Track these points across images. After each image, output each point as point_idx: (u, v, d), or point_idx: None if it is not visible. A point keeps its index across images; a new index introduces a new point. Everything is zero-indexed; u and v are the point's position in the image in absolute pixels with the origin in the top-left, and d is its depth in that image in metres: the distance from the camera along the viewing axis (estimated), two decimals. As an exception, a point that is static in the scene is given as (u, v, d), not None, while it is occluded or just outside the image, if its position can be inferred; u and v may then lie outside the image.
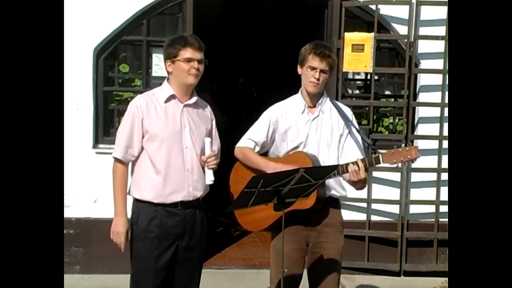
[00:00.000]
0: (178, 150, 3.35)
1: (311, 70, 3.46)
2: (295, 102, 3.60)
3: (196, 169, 3.40)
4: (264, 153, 3.68)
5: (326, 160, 3.49)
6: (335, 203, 3.61)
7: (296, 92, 3.64)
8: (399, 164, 3.43)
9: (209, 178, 3.39)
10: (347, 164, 3.37)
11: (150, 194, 3.33)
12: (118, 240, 3.36)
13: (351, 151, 3.54)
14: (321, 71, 3.45)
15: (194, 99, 3.44)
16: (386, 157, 3.37)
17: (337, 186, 3.56)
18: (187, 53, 3.30)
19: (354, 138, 3.58)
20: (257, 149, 3.62)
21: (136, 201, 3.39)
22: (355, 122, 3.62)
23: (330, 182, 3.49)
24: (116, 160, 3.37)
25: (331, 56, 3.47)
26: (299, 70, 3.56)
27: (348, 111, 3.64)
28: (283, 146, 3.56)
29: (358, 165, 3.32)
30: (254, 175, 3.49)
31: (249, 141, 3.61)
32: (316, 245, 3.55)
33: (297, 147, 3.52)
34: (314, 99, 3.55)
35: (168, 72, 3.41)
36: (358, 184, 3.44)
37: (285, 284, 3.39)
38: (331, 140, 3.53)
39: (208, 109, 3.58)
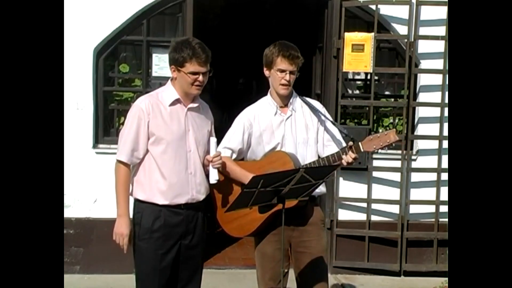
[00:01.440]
0: (182, 154, 3.35)
1: (280, 73, 3.48)
2: (266, 104, 3.61)
3: (199, 173, 3.40)
4: (241, 159, 3.66)
5: (305, 157, 3.51)
6: (314, 201, 3.63)
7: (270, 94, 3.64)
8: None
9: (214, 177, 3.40)
10: (338, 153, 3.40)
11: (156, 196, 3.33)
12: (121, 242, 3.35)
13: (331, 142, 3.56)
14: (290, 72, 3.47)
15: (197, 103, 3.44)
16: (365, 144, 3.41)
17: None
18: (193, 66, 3.27)
19: (331, 128, 3.61)
20: (234, 156, 3.59)
21: (139, 202, 3.39)
22: (327, 114, 3.66)
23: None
24: (120, 162, 3.35)
25: (299, 57, 3.50)
26: (267, 73, 3.57)
27: (318, 105, 3.67)
28: (260, 150, 3.57)
29: (353, 150, 3.35)
30: (234, 181, 3.53)
31: (225, 150, 3.57)
32: (299, 245, 3.56)
33: (274, 148, 3.53)
34: (285, 99, 3.57)
35: (172, 76, 3.38)
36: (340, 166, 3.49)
37: (271, 285, 3.44)
38: (307, 137, 3.55)
39: (208, 111, 3.59)
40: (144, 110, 3.31)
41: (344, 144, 3.53)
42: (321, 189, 3.58)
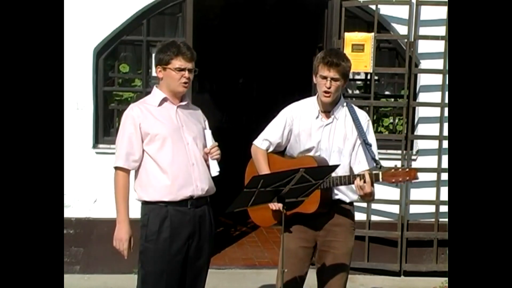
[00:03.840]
0: (180, 147, 3.37)
1: (322, 79, 3.45)
2: (310, 105, 3.59)
3: (200, 163, 3.42)
4: (282, 151, 3.71)
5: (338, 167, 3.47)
6: (346, 204, 3.59)
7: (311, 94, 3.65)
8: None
9: (215, 169, 3.41)
10: (354, 177, 3.35)
11: (160, 193, 3.33)
12: (121, 247, 3.36)
13: (364, 159, 3.51)
14: (332, 79, 3.42)
15: (185, 102, 3.49)
16: (386, 176, 3.35)
17: (348, 192, 3.55)
18: (178, 62, 3.33)
19: (365, 149, 3.55)
20: (271, 148, 3.64)
21: (146, 203, 3.39)
22: (370, 131, 3.58)
23: (341, 187, 3.49)
24: (118, 168, 3.37)
25: (339, 64, 3.41)
26: (314, 79, 3.55)
27: (363, 118, 3.58)
28: (296, 148, 3.60)
29: (364, 180, 3.30)
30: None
31: (264, 142, 3.63)
32: (324, 244, 3.56)
33: (308, 150, 3.53)
34: (328, 106, 3.53)
35: (158, 78, 3.44)
36: (365, 198, 3.44)
37: (289, 281, 3.43)
38: (343, 147, 3.51)
39: (199, 112, 3.62)
40: (134, 114, 3.37)
41: (373, 165, 3.47)
42: (352, 196, 3.56)
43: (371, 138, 3.55)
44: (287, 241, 3.49)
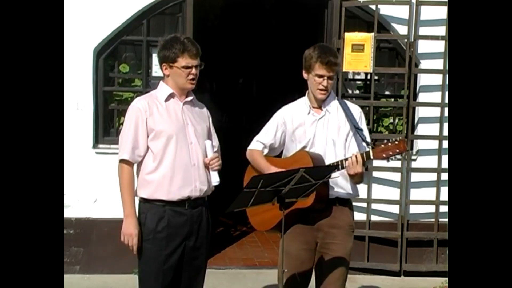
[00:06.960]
0: (184, 146, 3.36)
1: (318, 78, 3.49)
2: (302, 103, 3.65)
3: (201, 164, 3.41)
4: (279, 155, 3.74)
5: (333, 158, 3.51)
6: (345, 204, 3.60)
7: (302, 94, 3.68)
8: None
9: (215, 179, 3.42)
10: (346, 159, 3.40)
11: (159, 192, 3.33)
12: (131, 242, 3.34)
13: (355, 146, 3.54)
14: (328, 77, 3.48)
15: (191, 97, 3.48)
16: (376, 152, 3.41)
17: (348, 184, 3.55)
18: (185, 60, 3.32)
19: (358, 137, 3.59)
20: (266, 151, 3.68)
21: (144, 201, 3.39)
22: (363, 121, 3.65)
23: (339, 180, 3.50)
24: (123, 161, 3.36)
25: (337, 64, 3.52)
26: (305, 75, 3.58)
27: (356, 110, 3.65)
28: (293, 147, 3.62)
29: (356, 158, 3.36)
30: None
31: (257, 143, 3.69)
32: (323, 246, 3.56)
33: (305, 146, 3.56)
34: (320, 101, 3.59)
35: (164, 74, 3.43)
36: (354, 178, 3.47)
37: (293, 284, 3.44)
38: (338, 138, 3.55)
39: (204, 108, 3.61)
40: (141, 108, 3.35)
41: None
42: (350, 191, 3.57)
43: (363, 126, 3.63)
44: (287, 244, 3.49)
